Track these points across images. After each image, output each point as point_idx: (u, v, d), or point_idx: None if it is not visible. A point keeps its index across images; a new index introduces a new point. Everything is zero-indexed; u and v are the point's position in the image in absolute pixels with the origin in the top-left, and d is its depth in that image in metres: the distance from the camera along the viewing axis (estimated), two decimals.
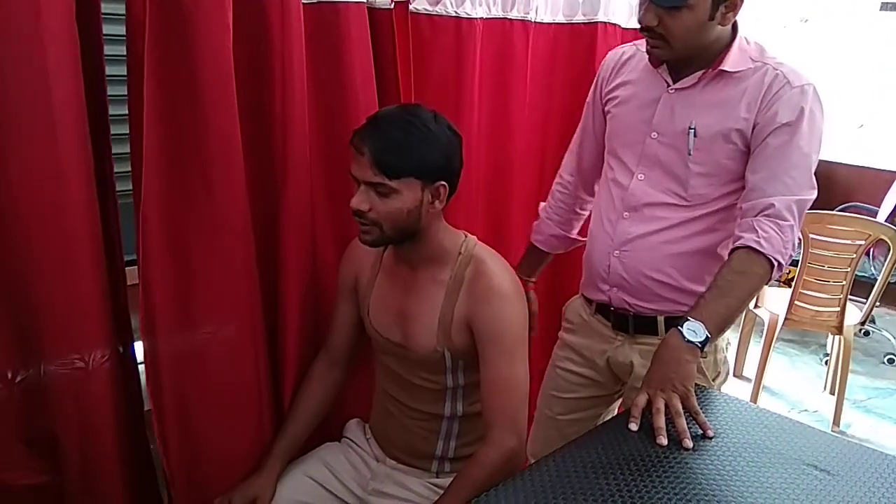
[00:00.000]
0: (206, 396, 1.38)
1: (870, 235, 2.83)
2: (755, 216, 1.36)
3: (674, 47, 1.37)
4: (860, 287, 3.14)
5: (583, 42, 2.00)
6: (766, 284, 1.41)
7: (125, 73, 1.23)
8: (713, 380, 1.54)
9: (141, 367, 1.36)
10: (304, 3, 1.36)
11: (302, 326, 1.50)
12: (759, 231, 1.35)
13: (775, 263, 1.35)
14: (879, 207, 3.85)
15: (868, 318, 3.19)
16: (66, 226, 1.14)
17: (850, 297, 2.96)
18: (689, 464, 1.19)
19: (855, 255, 2.85)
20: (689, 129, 1.42)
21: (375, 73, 1.53)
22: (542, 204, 1.81)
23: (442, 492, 1.30)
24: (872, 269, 3.80)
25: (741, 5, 1.34)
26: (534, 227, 1.80)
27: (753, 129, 1.39)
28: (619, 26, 2.05)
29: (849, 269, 2.87)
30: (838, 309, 2.95)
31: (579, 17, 1.98)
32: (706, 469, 1.18)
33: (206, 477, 1.42)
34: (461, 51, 1.68)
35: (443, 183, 1.28)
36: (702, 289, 1.40)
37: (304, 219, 1.47)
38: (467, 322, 1.33)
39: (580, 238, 1.75)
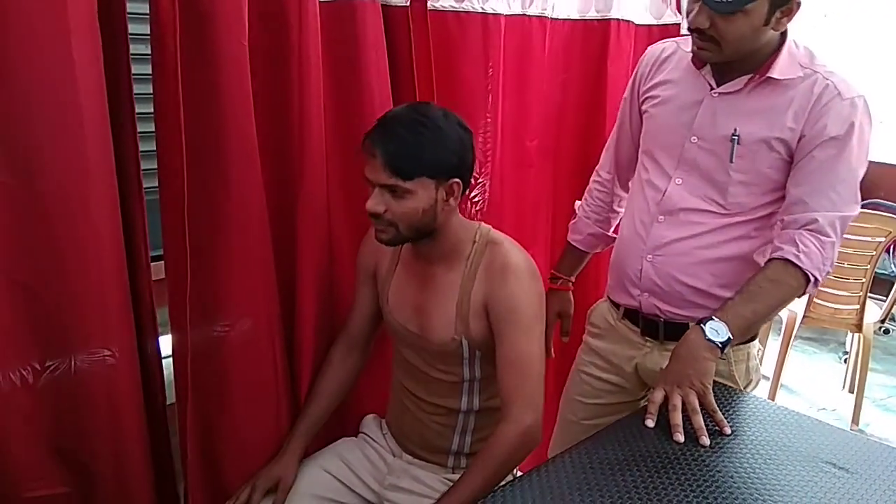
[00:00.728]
0: (226, 389, 1.40)
1: (890, 232, 2.81)
2: (797, 229, 1.34)
3: (724, 51, 1.32)
4: (880, 285, 3.12)
5: (595, 39, 1.99)
6: (799, 298, 1.39)
7: (147, 72, 1.24)
8: (745, 387, 1.52)
9: (165, 362, 1.38)
10: (320, 2, 1.37)
11: (318, 320, 1.51)
12: (800, 245, 1.33)
13: (811, 279, 1.34)
14: None
15: (888, 316, 3.17)
16: (90, 221, 1.15)
17: (869, 294, 2.93)
18: (707, 461, 1.19)
19: (875, 253, 2.83)
20: (733, 136, 1.37)
21: (391, 71, 1.54)
22: (579, 202, 1.78)
23: None
24: (892, 266, 3.77)
25: (797, 10, 1.29)
26: (571, 227, 1.77)
27: (799, 140, 1.34)
28: (633, 23, 2.03)
29: (868, 267, 2.85)
30: (858, 306, 2.93)
31: (592, 14, 1.97)
32: (723, 466, 1.18)
33: (223, 470, 1.44)
34: (487, 47, 1.68)
35: (456, 180, 1.28)
36: None
37: (321, 214, 1.48)
38: (484, 304, 1.33)
39: (614, 235, 1.72)
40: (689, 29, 1.34)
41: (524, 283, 1.32)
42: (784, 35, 1.35)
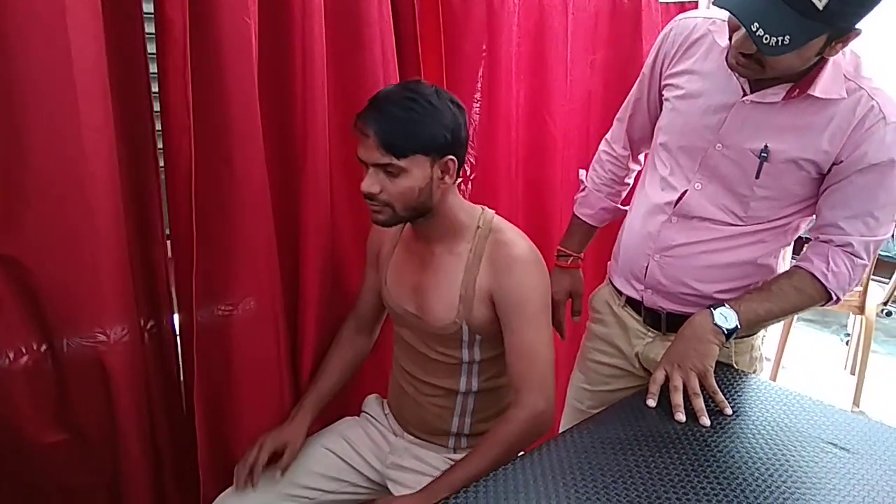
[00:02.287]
0: (231, 368, 1.40)
1: None
2: (832, 246, 1.32)
3: (766, 74, 1.21)
4: (883, 267, 3.11)
5: (626, 18, 1.97)
6: (819, 307, 1.39)
7: (152, 51, 1.23)
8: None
9: None
10: None
11: (321, 301, 1.51)
12: (831, 263, 1.31)
13: (833, 297, 1.33)
14: None
15: (891, 299, 3.16)
16: (85, 199, 1.14)
17: (872, 276, 2.93)
18: (708, 441, 1.20)
19: None
20: (762, 153, 1.29)
21: (398, 52, 1.52)
22: (585, 172, 1.70)
23: None
24: None
25: (855, 38, 1.15)
26: (580, 200, 1.69)
27: (835, 163, 1.26)
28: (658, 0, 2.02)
29: None
30: (860, 288, 2.92)
31: None
32: (725, 446, 1.19)
33: (229, 446, 1.45)
34: (494, 29, 1.66)
35: (451, 157, 1.27)
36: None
37: (324, 195, 1.47)
38: (489, 293, 1.33)
39: (623, 209, 1.66)
40: (731, 45, 1.21)
41: (530, 274, 1.32)
42: None
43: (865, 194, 1.27)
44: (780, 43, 1.10)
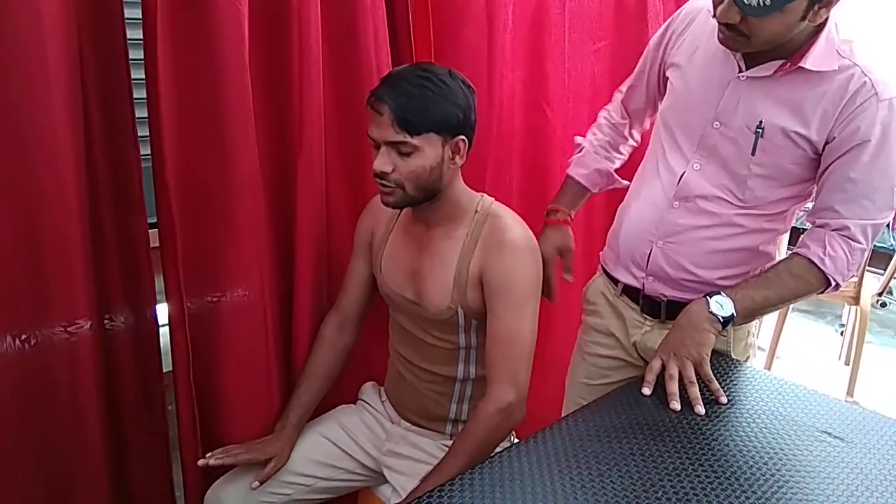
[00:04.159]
0: (218, 358, 1.40)
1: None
2: (828, 231, 1.31)
3: (753, 45, 1.23)
4: (878, 258, 3.12)
5: (632, 2, 1.96)
6: (819, 295, 1.38)
7: (139, 37, 1.22)
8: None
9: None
10: None
11: (316, 290, 1.51)
12: (828, 248, 1.30)
13: (832, 283, 1.32)
14: None
15: (886, 289, 3.18)
16: (44, 191, 1.13)
17: (868, 267, 2.93)
18: (703, 429, 1.20)
19: None
20: (757, 129, 1.30)
21: (390, 39, 1.51)
22: (580, 138, 1.69)
23: None
24: (892, 239, 3.76)
25: (837, 1, 1.17)
26: (574, 161, 1.66)
27: (828, 141, 1.27)
28: None
29: None
30: (856, 279, 2.93)
31: None
32: (720, 435, 1.19)
33: (216, 436, 1.44)
34: (491, 12, 1.65)
35: (462, 137, 1.27)
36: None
37: (319, 184, 1.46)
38: (480, 276, 1.32)
39: (618, 178, 1.65)
40: (714, 18, 1.24)
41: (520, 259, 1.31)
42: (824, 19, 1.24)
43: (860, 174, 1.27)
44: (761, 3, 1.13)
